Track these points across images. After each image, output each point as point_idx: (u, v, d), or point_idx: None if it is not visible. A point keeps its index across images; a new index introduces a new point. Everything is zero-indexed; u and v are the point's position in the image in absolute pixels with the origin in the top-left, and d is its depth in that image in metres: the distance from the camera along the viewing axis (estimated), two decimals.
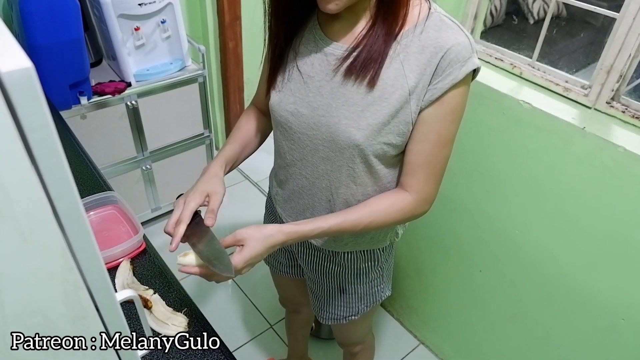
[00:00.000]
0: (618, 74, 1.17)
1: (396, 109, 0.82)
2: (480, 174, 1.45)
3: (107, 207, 1.23)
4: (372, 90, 0.82)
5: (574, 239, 1.29)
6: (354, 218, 0.88)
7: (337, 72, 0.85)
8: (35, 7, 1.55)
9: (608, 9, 1.18)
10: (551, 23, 1.30)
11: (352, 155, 0.87)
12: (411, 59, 0.80)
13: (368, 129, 0.83)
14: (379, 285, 1.15)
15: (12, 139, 0.32)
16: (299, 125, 0.91)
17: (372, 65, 0.81)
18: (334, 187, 0.94)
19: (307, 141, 0.92)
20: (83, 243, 0.40)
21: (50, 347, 0.43)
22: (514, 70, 1.37)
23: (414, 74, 0.80)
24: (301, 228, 0.86)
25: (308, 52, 0.89)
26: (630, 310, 1.23)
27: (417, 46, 0.80)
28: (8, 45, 0.32)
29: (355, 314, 1.18)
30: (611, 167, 1.15)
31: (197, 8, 2.46)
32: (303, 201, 1.01)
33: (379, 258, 1.10)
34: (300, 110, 0.90)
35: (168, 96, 2.07)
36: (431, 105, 0.82)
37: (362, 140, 0.84)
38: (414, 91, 0.81)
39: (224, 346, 0.96)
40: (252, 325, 2.03)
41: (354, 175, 0.91)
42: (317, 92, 0.87)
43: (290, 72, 0.91)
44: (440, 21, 0.81)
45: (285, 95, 0.91)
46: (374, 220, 0.89)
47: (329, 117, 0.86)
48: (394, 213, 0.89)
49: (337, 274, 1.12)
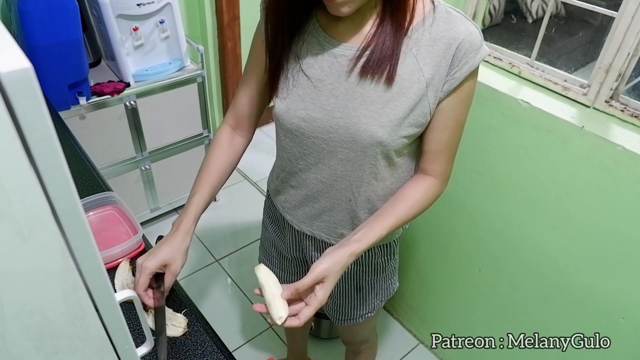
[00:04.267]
0: (617, 72, 1.17)
1: (415, 102, 0.83)
2: (480, 174, 1.45)
3: (106, 208, 1.23)
4: (390, 87, 0.83)
5: (573, 238, 1.29)
6: (400, 215, 0.90)
7: (352, 73, 0.85)
8: (33, 7, 1.55)
9: (607, 8, 1.18)
10: (550, 22, 1.30)
11: (374, 153, 0.88)
12: (424, 52, 0.82)
13: (390, 125, 0.84)
14: (392, 277, 1.17)
15: (11, 139, 0.32)
16: (312, 131, 0.90)
17: (387, 62, 0.81)
18: (354, 186, 0.94)
19: (322, 145, 0.91)
20: (82, 243, 0.39)
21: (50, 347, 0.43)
22: (513, 69, 1.37)
23: (429, 67, 0.82)
24: (366, 243, 0.86)
25: (314, 55, 0.88)
26: (630, 310, 1.23)
27: (428, 39, 0.82)
28: (7, 45, 0.32)
29: (371, 311, 1.18)
30: (610, 166, 1.15)
31: (195, 8, 2.46)
32: (319, 205, 1.00)
33: (394, 250, 1.11)
34: (313, 115, 0.88)
35: (167, 96, 2.07)
36: (450, 95, 0.84)
37: (385, 137, 0.85)
38: (431, 83, 0.82)
39: (224, 346, 0.96)
40: (251, 325, 2.03)
41: (376, 172, 0.92)
42: (330, 94, 0.87)
43: (295, 77, 0.90)
44: (446, 13, 0.83)
45: (293, 101, 0.90)
46: (416, 212, 0.92)
47: (346, 118, 0.86)
48: (429, 199, 0.93)
49: (355, 273, 1.12)
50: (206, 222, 2.45)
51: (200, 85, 2.15)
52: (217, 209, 2.52)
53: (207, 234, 2.40)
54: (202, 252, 2.33)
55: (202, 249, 2.35)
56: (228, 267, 2.28)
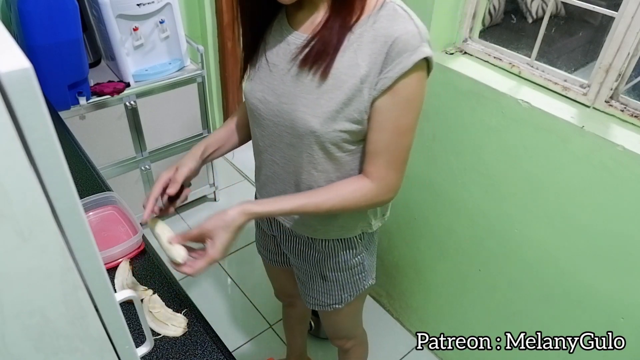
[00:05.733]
0: (617, 72, 1.17)
1: (349, 96, 0.84)
2: (479, 173, 1.45)
3: (106, 208, 1.23)
4: (326, 79, 0.85)
5: (572, 238, 1.29)
6: (317, 201, 0.92)
7: (295, 61, 0.88)
8: (33, 7, 1.55)
9: (606, 8, 1.18)
10: (550, 22, 1.30)
11: (310, 142, 0.91)
12: (364, 48, 0.83)
13: (323, 116, 0.86)
14: (360, 274, 1.17)
15: (11, 139, 0.32)
16: (266, 112, 0.95)
17: (325, 55, 0.84)
18: (298, 172, 0.98)
19: (273, 127, 0.95)
20: (82, 243, 0.40)
21: (50, 347, 0.43)
22: (513, 69, 1.37)
23: (366, 63, 0.83)
24: (263, 209, 0.90)
25: (275, 41, 0.93)
26: (630, 309, 1.23)
27: (370, 35, 0.83)
28: (7, 45, 0.32)
29: (339, 303, 1.20)
30: (610, 166, 1.15)
31: (195, 8, 2.46)
32: (276, 187, 1.05)
33: (356, 246, 1.11)
34: (267, 98, 0.93)
35: (167, 96, 2.07)
36: (384, 94, 0.84)
37: (318, 127, 0.87)
38: (365, 80, 0.83)
39: (224, 346, 0.96)
40: (251, 325, 2.03)
41: (314, 162, 0.94)
42: (280, 80, 0.91)
43: (260, 61, 0.95)
44: (393, 10, 0.83)
45: (255, 83, 0.96)
46: (336, 205, 0.92)
47: (290, 104, 0.90)
48: (356, 198, 0.92)
49: (318, 261, 1.14)
50: None
51: (200, 85, 2.15)
52: (217, 209, 2.52)
53: None
54: None
55: None
56: (228, 267, 2.29)
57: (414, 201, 1.70)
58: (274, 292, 1.56)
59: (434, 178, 1.59)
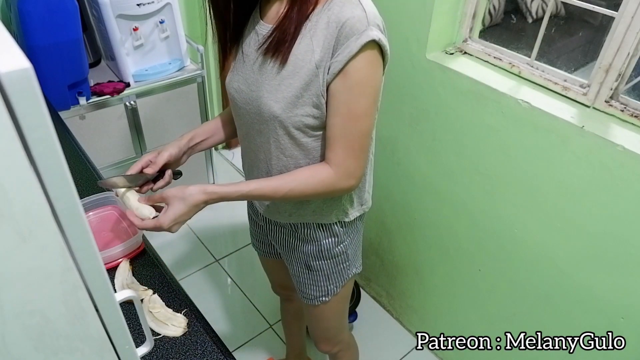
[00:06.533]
0: (617, 72, 1.17)
1: (306, 82, 0.88)
2: (479, 173, 1.45)
3: (106, 208, 1.23)
4: (285, 66, 0.89)
5: (572, 238, 1.29)
6: (274, 184, 0.94)
7: (260, 50, 0.93)
8: (33, 7, 1.55)
9: (606, 7, 1.18)
10: (550, 22, 1.30)
11: (274, 127, 0.94)
12: (319, 34, 0.86)
13: (284, 101, 0.90)
14: (344, 262, 1.18)
15: (11, 139, 0.32)
16: (241, 101, 0.99)
17: (283, 44, 0.88)
18: (268, 159, 1.01)
19: (247, 116, 0.99)
20: (82, 243, 0.40)
21: (50, 347, 0.43)
22: (513, 69, 1.37)
23: (320, 48, 0.86)
24: (222, 190, 0.94)
25: (248, 32, 0.98)
26: (630, 309, 1.23)
27: (324, 22, 0.86)
28: (7, 45, 0.32)
29: (326, 295, 1.20)
30: (610, 166, 1.15)
31: (195, 8, 2.46)
32: (255, 174, 1.08)
33: (338, 234, 1.12)
34: (241, 87, 0.98)
35: (167, 96, 2.07)
36: (335, 78, 0.87)
37: (280, 112, 0.91)
38: (320, 64, 0.87)
39: (224, 346, 0.96)
40: (251, 325, 2.03)
41: (282, 148, 0.97)
42: (250, 69, 0.96)
43: (237, 53, 1.00)
44: None
45: (233, 74, 1.00)
46: (294, 189, 0.94)
47: (257, 91, 0.94)
48: (314, 184, 0.94)
49: (301, 250, 1.15)
50: (206, 222, 2.45)
51: (200, 85, 2.15)
52: (217, 209, 2.50)
53: (207, 234, 2.40)
54: (202, 252, 2.33)
55: (202, 249, 2.35)
56: (228, 267, 2.29)
57: (414, 201, 1.70)
58: (271, 285, 1.56)
59: (434, 178, 1.59)
